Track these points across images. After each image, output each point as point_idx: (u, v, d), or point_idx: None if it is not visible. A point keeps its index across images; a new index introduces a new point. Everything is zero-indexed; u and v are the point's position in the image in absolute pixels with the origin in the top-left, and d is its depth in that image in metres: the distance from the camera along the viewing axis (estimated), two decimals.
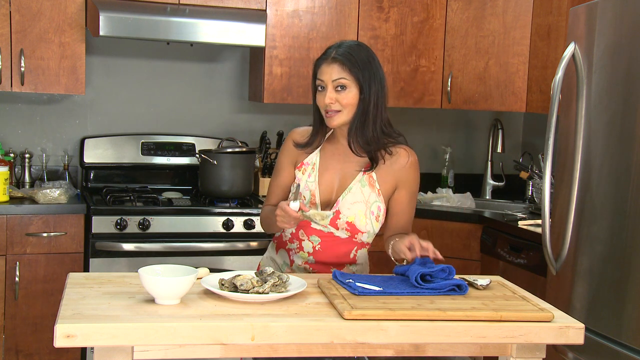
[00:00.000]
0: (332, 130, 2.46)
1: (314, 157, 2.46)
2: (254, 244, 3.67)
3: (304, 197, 2.41)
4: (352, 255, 2.46)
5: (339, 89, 2.32)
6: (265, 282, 1.99)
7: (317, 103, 2.39)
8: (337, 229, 2.41)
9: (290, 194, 2.44)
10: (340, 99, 2.32)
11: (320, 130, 2.46)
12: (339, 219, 2.39)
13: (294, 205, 2.25)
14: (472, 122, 4.70)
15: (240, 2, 3.88)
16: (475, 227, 3.76)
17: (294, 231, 2.47)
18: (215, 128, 4.29)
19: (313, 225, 2.41)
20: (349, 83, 2.32)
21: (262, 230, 3.62)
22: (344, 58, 2.32)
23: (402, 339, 1.86)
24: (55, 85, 3.69)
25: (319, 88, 2.37)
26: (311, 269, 2.46)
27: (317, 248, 2.43)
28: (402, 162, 2.42)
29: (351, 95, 2.32)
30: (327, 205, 2.42)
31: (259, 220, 2.57)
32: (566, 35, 3.00)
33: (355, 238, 2.42)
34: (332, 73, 2.32)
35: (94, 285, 2.06)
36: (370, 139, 2.36)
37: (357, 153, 2.40)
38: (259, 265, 2.60)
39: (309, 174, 2.45)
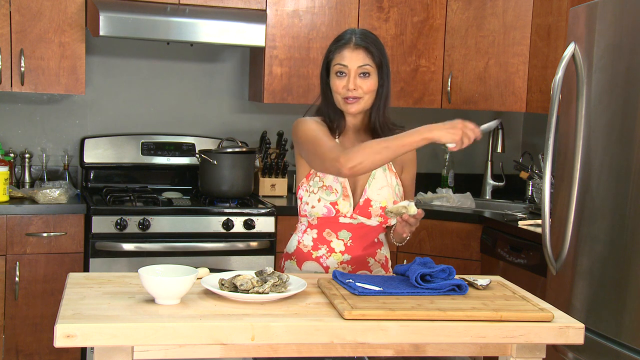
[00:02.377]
0: (345, 126, 2.44)
1: None
2: (254, 244, 3.67)
3: (336, 190, 2.37)
4: (376, 240, 2.47)
5: (361, 75, 2.33)
6: (265, 282, 1.99)
7: (335, 88, 2.36)
8: (370, 217, 2.39)
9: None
10: (363, 85, 2.33)
11: (336, 119, 2.41)
12: (371, 206, 2.38)
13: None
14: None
15: (240, 2, 3.88)
16: (475, 227, 3.76)
17: (315, 236, 2.43)
18: (215, 128, 4.29)
19: (341, 220, 2.38)
20: (372, 70, 2.34)
21: (262, 230, 3.69)
22: (369, 44, 2.33)
23: (402, 339, 1.86)
24: (55, 85, 3.69)
25: (338, 73, 2.35)
26: (349, 266, 2.42)
27: (349, 244, 2.41)
28: None
29: (372, 82, 2.35)
30: (354, 194, 2.40)
31: (358, 162, 2.18)
32: (566, 35, 3.00)
33: (387, 223, 2.43)
34: (358, 59, 2.32)
35: (94, 285, 2.06)
36: (385, 124, 2.40)
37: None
38: None
39: None
